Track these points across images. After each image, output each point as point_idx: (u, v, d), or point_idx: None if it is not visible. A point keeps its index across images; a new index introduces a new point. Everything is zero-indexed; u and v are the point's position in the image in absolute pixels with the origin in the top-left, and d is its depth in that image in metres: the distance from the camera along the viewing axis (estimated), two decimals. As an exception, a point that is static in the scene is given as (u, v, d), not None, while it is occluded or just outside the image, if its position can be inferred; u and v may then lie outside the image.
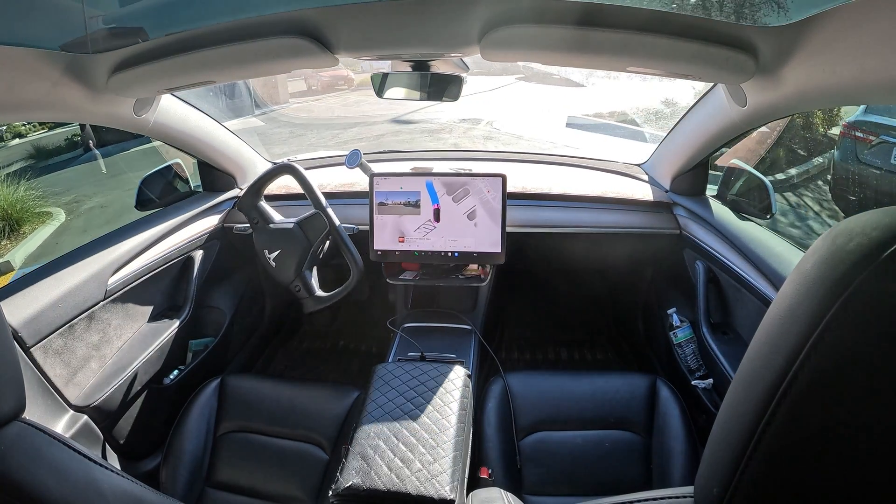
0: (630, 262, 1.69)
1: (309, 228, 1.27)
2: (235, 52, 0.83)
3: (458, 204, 1.33)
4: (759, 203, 1.26)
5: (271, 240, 1.29)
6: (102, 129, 6.88)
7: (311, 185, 1.25)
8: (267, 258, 1.29)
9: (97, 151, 7.21)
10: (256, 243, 1.31)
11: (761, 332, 0.34)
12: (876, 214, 0.29)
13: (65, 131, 8.11)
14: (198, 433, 1.15)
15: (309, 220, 1.27)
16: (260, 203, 1.32)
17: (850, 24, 0.61)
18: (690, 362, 1.32)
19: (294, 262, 1.27)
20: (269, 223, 1.31)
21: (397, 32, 0.83)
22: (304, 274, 1.28)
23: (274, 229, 1.29)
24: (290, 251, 1.27)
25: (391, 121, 7.94)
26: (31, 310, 0.98)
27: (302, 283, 1.28)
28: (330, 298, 1.29)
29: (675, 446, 1.07)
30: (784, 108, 0.90)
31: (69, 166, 7.25)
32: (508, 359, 1.92)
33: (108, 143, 7.49)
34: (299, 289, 1.28)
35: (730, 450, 0.34)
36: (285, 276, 1.28)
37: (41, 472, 0.45)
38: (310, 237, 1.27)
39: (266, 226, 1.31)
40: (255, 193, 1.31)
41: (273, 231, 1.29)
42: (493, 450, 1.08)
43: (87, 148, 7.41)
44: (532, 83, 10.22)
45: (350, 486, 0.77)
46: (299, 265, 1.27)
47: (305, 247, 1.26)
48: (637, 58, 0.80)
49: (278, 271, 1.29)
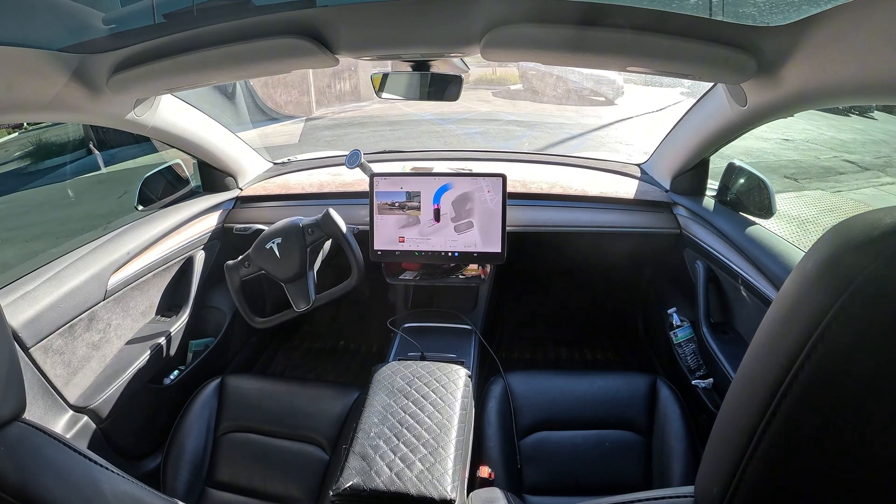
0: (630, 261, 1.69)
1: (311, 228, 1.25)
2: (235, 53, 0.83)
3: (459, 204, 1.33)
4: (759, 202, 1.26)
5: (270, 236, 1.26)
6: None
7: (345, 235, 1.23)
8: (271, 248, 1.25)
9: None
10: (260, 237, 1.28)
11: (761, 331, 0.34)
12: (876, 214, 0.29)
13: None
14: (198, 433, 1.15)
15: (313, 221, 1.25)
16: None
17: (850, 24, 0.61)
18: (691, 362, 1.32)
19: (300, 249, 1.24)
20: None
21: (398, 32, 0.83)
22: (309, 275, 1.26)
23: (274, 229, 1.27)
24: (291, 242, 1.24)
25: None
26: (31, 310, 0.98)
27: (311, 279, 1.25)
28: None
29: (675, 446, 1.07)
30: (784, 108, 0.90)
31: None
32: (508, 359, 1.92)
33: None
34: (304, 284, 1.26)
35: (730, 449, 0.34)
36: (286, 271, 1.24)
37: (41, 472, 0.45)
38: (309, 237, 1.25)
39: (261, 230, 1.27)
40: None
41: (274, 230, 1.27)
42: (493, 450, 1.08)
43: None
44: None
45: (350, 486, 0.77)
46: (300, 264, 1.25)
47: (303, 246, 1.24)
48: (637, 57, 0.80)
49: (281, 265, 1.25)
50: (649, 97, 9.49)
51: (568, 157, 1.82)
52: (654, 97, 9.49)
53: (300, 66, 0.91)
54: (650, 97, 9.49)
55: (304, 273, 1.25)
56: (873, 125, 7.72)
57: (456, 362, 1.10)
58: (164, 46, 0.84)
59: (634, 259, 1.67)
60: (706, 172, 1.43)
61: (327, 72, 9.25)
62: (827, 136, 6.83)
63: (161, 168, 1.50)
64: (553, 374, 1.26)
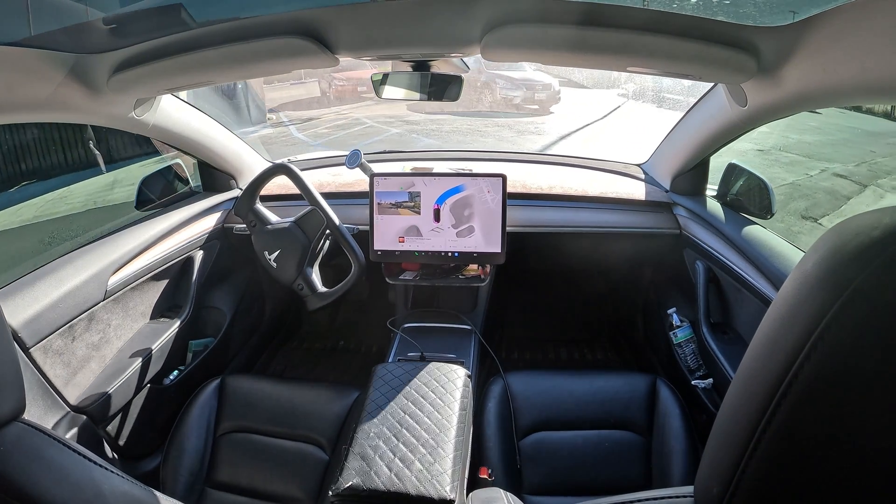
0: (630, 261, 1.69)
1: (307, 226, 1.27)
2: (236, 52, 0.83)
3: (459, 204, 1.33)
4: (759, 203, 1.26)
5: (270, 241, 1.29)
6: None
7: (305, 182, 1.25)
8: (267, 259, 1.29)
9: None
10: (256, 245, 1.31)
11: (761, 331, 0.34)
12: (877, 214, 0.29)
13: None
14: (198, 433, 1.15)
15: (306, 218, 1.27)
16: (256, 206, 1.32)
17: (850, 24, 0.61)
18: (690, 362, 1.32)
19: (295, 261, 1.26)
20: (266, 224, 1.30)
21: (398, 32, 0.83)
22: (306, 271, 1.27)
23: (272, 230, 1.29)
24: (290, 250, 1.26)
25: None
26: (30, 310, 0.98)
27: (304, 281, 1.27)
28: (333, 294, 1.28)
29: (675, 446, 1.07)
30: (784, 108, 0.90)
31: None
32: (508, 359, 1.92)
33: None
34: (302, 287, 1.28)
35: (730, 449, 0.34)
36: (287, 275, 1.28)
37: (41, 473, 0.45)
38: (308, 234, 1.26)
39: (263, 227, 1.30)
40: (251, 196, 1.31)
41: (271, 232, 1.29)
42: (493, 450, 1.08)
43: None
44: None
45: (350, 486, 0.77)
46: (300, 264, 1.26)
47: (305, 244, 1.26)
48: (638, 57, 0.80)
49: (279, 272, 1.28)
50: (588, 101, 8.95)
51: (568, 158, 1.82)
52: (592, 100, 8.94)
53: (300, 65, 0.91)
54: (589, 101, 8.95)
55: (302, 272, 1.27)
56: (820, 119, 7.40)
57: (456, 362, 1.10)
58: (164, 46, 0.84)
59: (634, 259, 1.68)
60: (706, 173, 1.44)
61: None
62: (793, 140, 6.56)
63: (161, 168, 1.50)
64: (553, 375, 1.26)
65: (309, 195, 1.25)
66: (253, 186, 1.30)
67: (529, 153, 1.91)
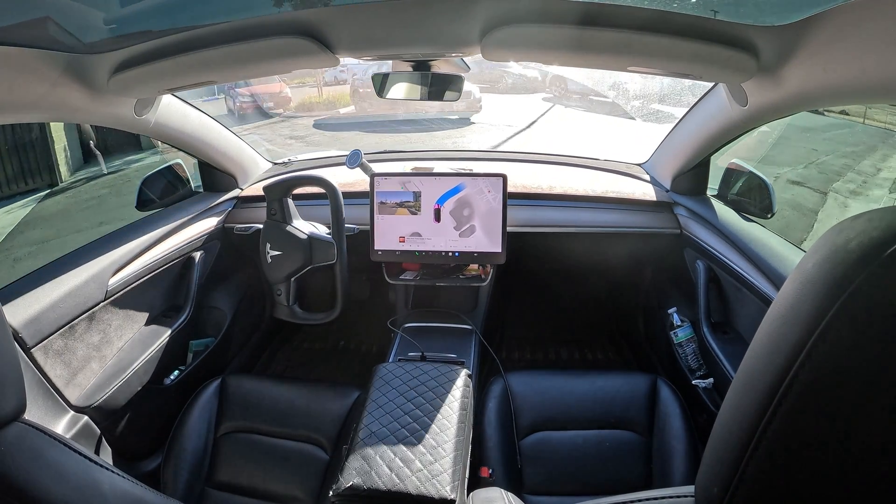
0: (631, 261, 1.69)
1: (318, 248, 1.25)
2: (236, 52, 0.83)
3: (459, 204, 1.33)
4: (759, 202, 1.26)
5: (279, 237, 1.27)
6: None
7: (342, 214, 1.22)
8: (266, 251, 1.28)
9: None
10: (263, 232, 1.30)
11: (762, 331, 0.34)
12: (877, 214, 0.29)
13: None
14: (198, 433, 1.15)
15: (321, 243, 1.25)
16: (286, 199, 1.29)
17: (850, 24, 0.61)
18: (691, 362, 1.32)
19: (289, 269, 1.26)
20: (284, 221, 1.28)
21: (398, 32, 0.83)
22: (292, 283, 1.28)
23: (286, 230, 1.27)
24: (291, 258, 1.26)
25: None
26: (31, 310, 0.98)
27: (286, 290, 1.29)
28: (302, 319, 1.30)
29: (675, 446, 1.07)
30: (785, 108, 0.90)
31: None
32: (509, 359, 1.92)
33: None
34: (280, 293, 1.29)
35: (730, 449, 0.34)
36: (274, 276, 1.28)
37: (41, 473, 0.45)
38: (315, 257, 1.25)
39: (281, 223, 1.28)
40: (287, 189, 1.27)
41: (285, 231, 1.27)
42: (493, 449, 1.08)
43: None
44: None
45: (351, 485, 0.77)
46: (292, 274, 1.26)
47: (306, 262, 1.25)
48: (638, 57, 0.80)
49: (270, 269, 1.28)
50: (512, 106, 8.43)
51: (568, 157, 1.82)
52: (516, 105, 8.46)
53: (300, 65, 0.91)
54: (513, 106, 8.42)
55: (289, 281, 1.28)
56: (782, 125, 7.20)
57: (456, 362, 1.10)
58: (164, 46, 0.84)
59: (635, 259, 1.67)
60: (707, 172, 1.43)
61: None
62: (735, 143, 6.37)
63: (161, 168, 1.50)
64: (553, 374, 1.26)
65: (338, 226, 1.23)
66: (294, 181, 1.26)
67: (530, 153, 1.90)
